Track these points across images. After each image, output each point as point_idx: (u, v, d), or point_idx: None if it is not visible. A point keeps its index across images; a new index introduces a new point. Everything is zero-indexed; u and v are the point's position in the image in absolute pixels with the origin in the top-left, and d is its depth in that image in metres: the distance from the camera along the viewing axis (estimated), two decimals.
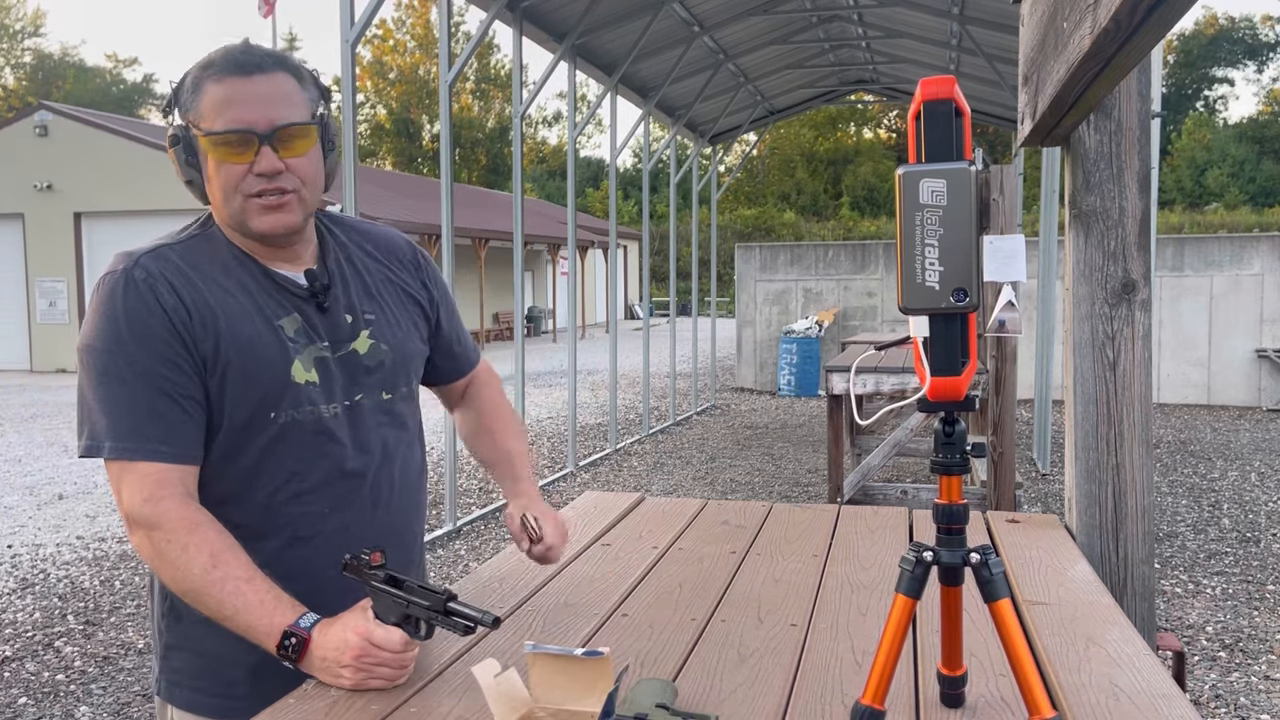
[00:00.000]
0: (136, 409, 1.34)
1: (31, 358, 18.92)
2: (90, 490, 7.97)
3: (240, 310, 1.41)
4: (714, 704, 1.25)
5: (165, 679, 1.50)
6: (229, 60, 1.38)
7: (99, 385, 1.36)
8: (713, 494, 7.56)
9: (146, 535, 1.34)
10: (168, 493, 1.34)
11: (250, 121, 1.36)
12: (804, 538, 2.02)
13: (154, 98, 53.64)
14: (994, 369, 5.10)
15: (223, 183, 1.39)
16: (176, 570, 1.33)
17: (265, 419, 1.41)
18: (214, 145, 1.37)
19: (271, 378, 1.41)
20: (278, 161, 1.38)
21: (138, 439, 1.34)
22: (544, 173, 50.68)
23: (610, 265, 9.68)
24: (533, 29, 7.99)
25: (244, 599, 1.30)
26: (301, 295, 1.47)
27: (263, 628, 1.30)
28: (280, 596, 1.33)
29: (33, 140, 18.50)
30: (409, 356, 1.58)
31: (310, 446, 1.44)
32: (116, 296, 1.37)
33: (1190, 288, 12.13)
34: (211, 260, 1.43)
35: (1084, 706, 1.22)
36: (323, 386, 1.45)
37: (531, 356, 19.24)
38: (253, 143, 1.37)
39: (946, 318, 1.08)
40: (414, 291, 1.62)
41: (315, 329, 1.46)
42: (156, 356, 1.35)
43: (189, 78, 1.41)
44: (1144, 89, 1.83)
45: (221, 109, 1.36)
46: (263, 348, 1.41)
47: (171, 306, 1.36)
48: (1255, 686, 3.95)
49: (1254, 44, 48.16)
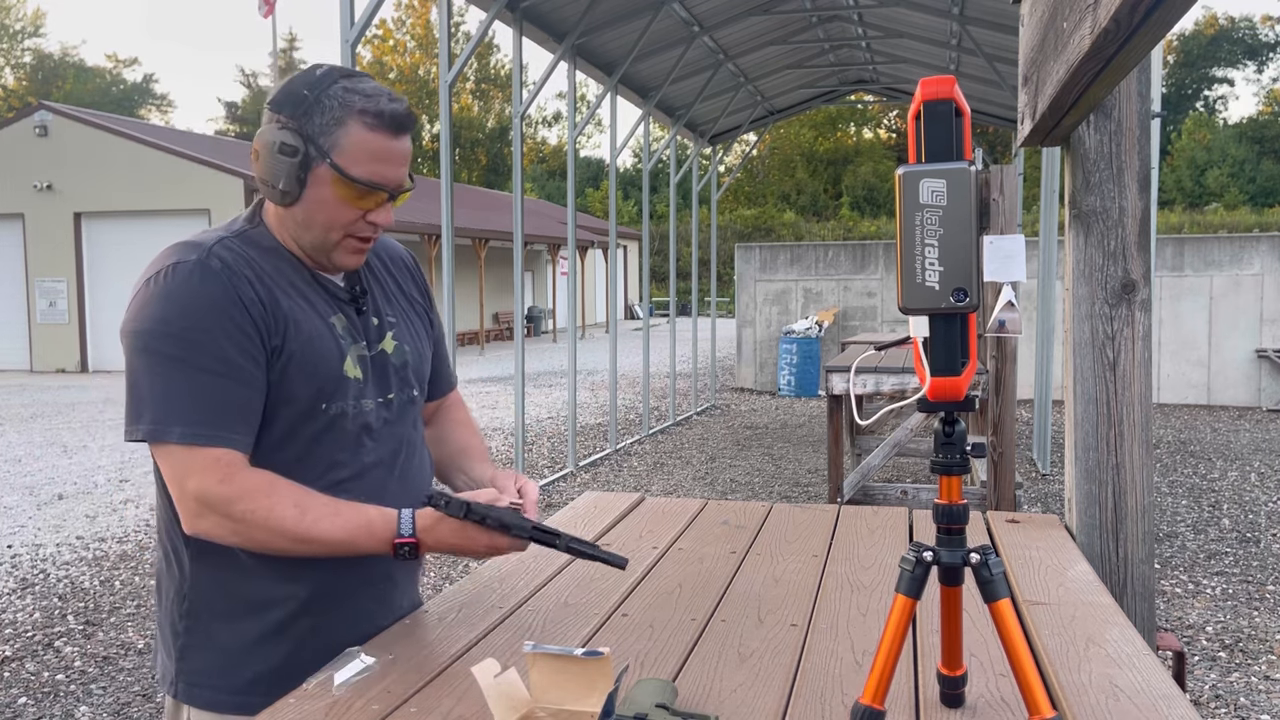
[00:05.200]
0: (209, 395, 1.37)
1: (31, 358, 18.93)
2: (90, 490, 7.96)
3: (300, 306, 1.47)
4: (714, 704, 1.25)
5: (183, 680, 1.50)
6: (387, 116, 1.42)
7: (167, 370, 1.37)
8: (713, 494, 7.56)
9: (225, 513, 1.37)
10: (237, 470, 1.39)
11: (388, 180, 1.44)
12: (804, 538, 2.02)
13: (154, 97, 53.64)
14: (994, 369, 5.10)
15: (332, 217, 1.44)
16: (269, 530, 1.38)
17: (317, 410, 1.47)
18: (345, 186, 1.42)
19: (328, 371, 1.47)
20: (392, 217, 1.49)
21: (210, 425, 1.37)
22: (544, 173, 50.69)
23: (610, 265, 9.68)
24: (533, 29, 7.99)
25: (342, 530, 1.40)
26: (343, 298, 1.54)
27: (373, 548, 1.42)
28: (366, 514, 1.41)
29: (33, 140, 18.50)
30: (423, 360, 1.66)
31: (351, 438, 1.50)
32: (193, 283, 1.38)
33: (1190, 288, 12.13)
34: (265, 257, 1.47)
35: (1084, 706, 1.22)
36: (365, 384, 1.52)
37: (531, 356, 19.24)
38: (380, 197, 1.44)
39: (946, 318, 1.08)
40: (416, 302, 1.70)
41: (357, 329, 1.54)
42: (232, 344, 1.38)
43: (331, 100, 1.40)
44: (1144, 89, 1.83)
45: (368, 160, 1.41)
46: (321, 342, 1.47)
47: (249, 298, 1.41)
48: (1255, 686, 3.95)
49: (1254, 44, 48.16)
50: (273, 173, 1.42)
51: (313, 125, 1.40)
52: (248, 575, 1.46)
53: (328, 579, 1.49)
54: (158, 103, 54.27)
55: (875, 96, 14.15)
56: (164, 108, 55.07)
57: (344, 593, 1.51)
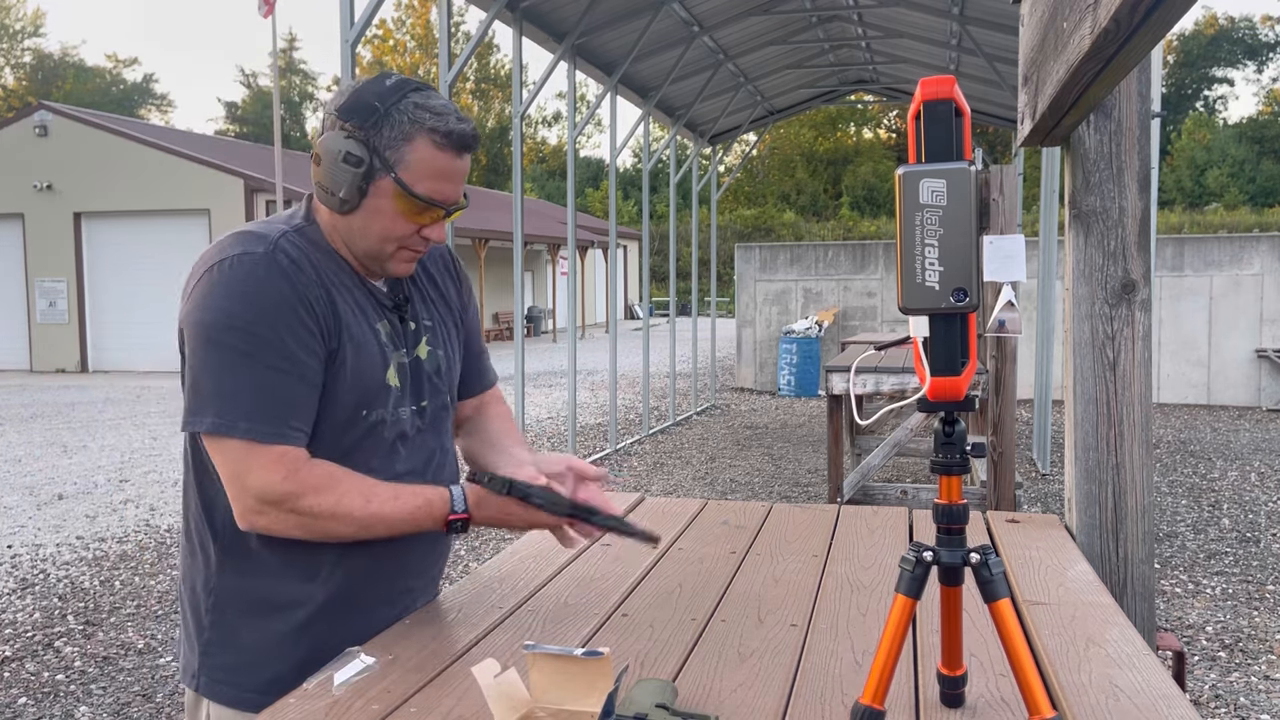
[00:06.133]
0: (273, 392, 1.37)
1: (31, 358, 18.93)
2: (90, 490, 7.96)
3: (353, 311, 1.47)
4: (714, 704, 1.25)
5: (205, 675, 1.50)
6: (455, 136, 1.42)
7: (233, 363, 1.36)
8: (713, 494, 7.56)
9: (291, 507, 1.38)
10: (299, 465, 1.39)
11: (448, 199, 1.45)
12: (804, 538, 2.02)
13: (154, 97, 53.65)
14: (994, 369, 5.10)
15: (388, 229, 1.45)
16: (337, 520, 1.40)
17: (358, 417, 1.47)
18: (406, 201, 1.42)
19: (372, 379, 1.48)
20: (445, 233, 1.51)
21: (274, 422, 1.37)
22: (544, 173, 50.69)
23: (610, 265, 9.68)
24: (533, 29, 7.99)
25: (404, 510, 1.44)
26: (388, 305, 1.54)
27: (431, 526, 1.48)
28: (424, 494, 1.47)
29: (33, 140, 18.50)
30: (454, 364, 1.65)
31: (386, 446, 1.51)
32: (259, 276, 1.37)
33: (1190, 288, 12.13)
34: (324, 258, 1.47)
35: (1084, 706, 1.22)
36: (403, 391, 1.52)
37: (531, 356, 19.24)
38: (438, 214, 1.46)
39: (946, 318, 1.08)
40: (451, 300, 1.68)
41: (399, 336, 1.54)
42: (296, 341, 1.38)
43: (401, 115, 1.39)
44: (1144, 89, 1.83)
45: (431, 177, 1.42)
46: (369, 348, 1.47)
47: (314, 297, 1.41)
48: (1255, 686, 3.95)
49: (1254, 44, 48.17)
50: (334, 180, 1.41)
51: (381, 138, 1.40)
52: (272, 575, 1.47)
53: (348, 581, 1.50)
54: (158, 103, 54.32)
55: (875, 96, 14.15)
56: (164, 108, 55.15)
57: (363, 596, 1.52)
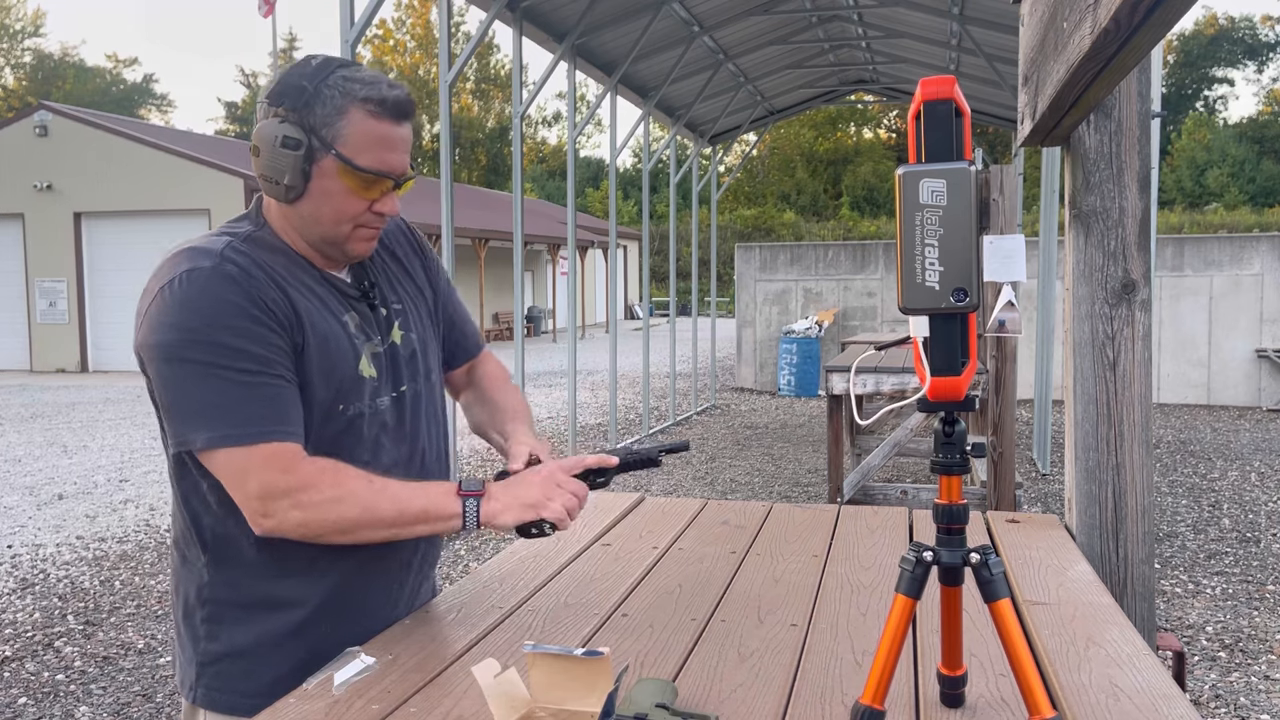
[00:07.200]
0: (250, 395, 1.35)
1: (31, 358, 18.92)
2: (90, 490, 7.96)
3: (314, 307, 1.45)
4: (714, 704, 1.25)
5: (203, 685, 1.48)
6: (389, 104, 1.40)
7: (202, 377, 1.34)
8: (713, 494, 7.56)
9: (295, 502, 1.35)
10: (297, 460, 1.37)
11: (393, 167, 1.42)
12: (804, 538, 2.02)
13: (154, 97, 53.63)
14: (994, 369, 5.10)
15: (340, 209, 1.42)
16: (343, 505, 1.37)
17: (335, 412, 1.45)
18: (352, 176, 1.40)
19: (345, 372, 1.46)
20: (398, 205, 1.47)
21: (259, 423, 1.35)
22: (544, 173, 50.70)
23: (610, 265, 9.68)
24: (533, 29, 7.99)
25: (418, 502, 1.41)
26: (354, 295, 1.52)
27: (442, 501, 1.43)
28: (430, 491, 1.44)
29: (33, 140, 18.49)
30: (431, 342, 1.64)
31: (369, 440, 1.49)
32: (212, 289, 1.35)
33: (1190, 288, 12.13)
34: (275, 259, 1.45)
35: (1084, 706, 1.22)
36: (379, 381, 1.51)
37: (531, 356, 19.24)
38: (386, 186, 1.43)
39: (946, 318, 1.08)
40: (418, 275, 1.67)
41: (370, 326, 1.52)
42: (262, 343, 1.36)
43: (331, 90, 1.38)
44: (1144, 89, 1.83)
45: (372, 148, 1.40)
46: (337, 343, 1.45)
47: (272, 299, 1.38)
48: (1255, 686, 3.95)
49: (1254, 44, 48.15)
50: (276, 168, 1.39)
51: (315, 116, 1.37)
52: (267, 577, 1.46)
53: (344, 581, 1.49)
54: (158, 103, 54.30)
55: (875, 96, 14.15)
56: (164, 108, 55.13)
57: (360, 595, 1.51)
